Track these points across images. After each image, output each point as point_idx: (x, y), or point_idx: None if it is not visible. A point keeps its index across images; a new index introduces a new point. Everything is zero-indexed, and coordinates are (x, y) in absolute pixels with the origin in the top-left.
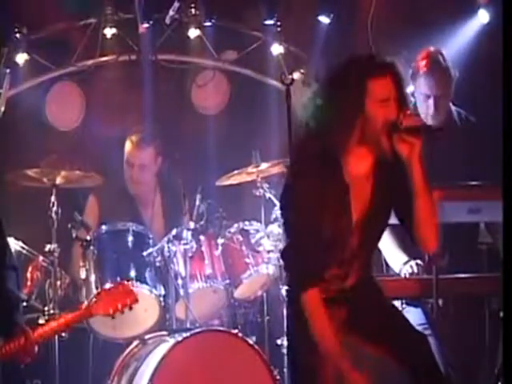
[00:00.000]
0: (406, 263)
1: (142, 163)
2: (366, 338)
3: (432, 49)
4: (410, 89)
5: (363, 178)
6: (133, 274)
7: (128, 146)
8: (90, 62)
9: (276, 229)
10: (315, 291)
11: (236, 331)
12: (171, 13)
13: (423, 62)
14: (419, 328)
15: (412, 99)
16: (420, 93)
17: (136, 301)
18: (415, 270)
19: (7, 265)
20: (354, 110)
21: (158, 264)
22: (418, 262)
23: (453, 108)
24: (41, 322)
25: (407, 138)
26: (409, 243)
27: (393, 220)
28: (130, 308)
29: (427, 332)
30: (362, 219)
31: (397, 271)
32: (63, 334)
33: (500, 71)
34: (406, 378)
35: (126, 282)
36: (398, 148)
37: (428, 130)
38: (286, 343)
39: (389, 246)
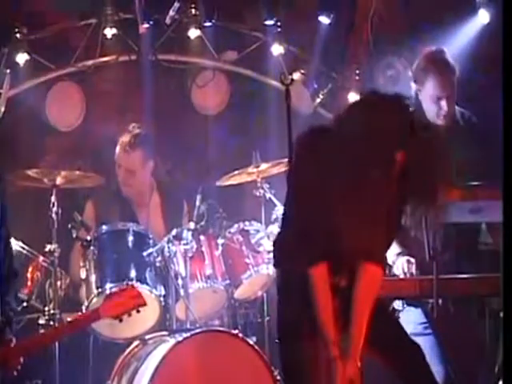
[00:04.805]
0: (399, 254)
1: (128, 167)
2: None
3: (436, 48)
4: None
5: None
6: (133, 274)
7: (117, 147)
8: (90, 62)
9: (276, 229)
10: (324, 266)
11: (236, 331)
12: (171, 13)
13: (431, 63)
14: (419, 328)
15: (420, 97)
16: (429, 95)
17: (144, 304)
18: (406, 269)
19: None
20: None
21: (158, 264)
22: (411, 259)
23: (456, 108)
24: (41, 322)
25: None
26: (404, 236)
27: None
28: (138, 311)
29: (427, 331)
30: None
31: (389, 262)
32: None
33: (500, 71)
34: (396, 379)
35: (133, 286)
36: None
37: None
38: None
39: None
